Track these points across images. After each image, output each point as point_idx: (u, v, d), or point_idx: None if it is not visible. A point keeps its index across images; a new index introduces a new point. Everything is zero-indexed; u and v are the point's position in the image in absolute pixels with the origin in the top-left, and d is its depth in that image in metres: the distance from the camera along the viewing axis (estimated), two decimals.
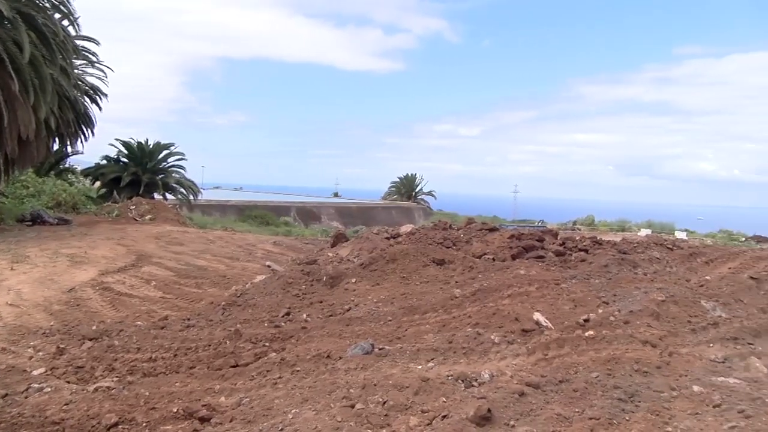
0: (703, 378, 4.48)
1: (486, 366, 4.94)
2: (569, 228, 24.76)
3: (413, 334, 6.08)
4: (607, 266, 9.81)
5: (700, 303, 7.22)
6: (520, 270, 8.40)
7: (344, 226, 26.40)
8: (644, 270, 10.05)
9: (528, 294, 7.08)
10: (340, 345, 5.75)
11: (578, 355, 5.02)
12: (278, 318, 7.40)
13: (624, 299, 7.19)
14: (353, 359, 5.15)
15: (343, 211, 38.50)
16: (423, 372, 4.71)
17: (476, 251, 11.27)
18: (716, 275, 9.74)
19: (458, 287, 8.04)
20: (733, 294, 7.85)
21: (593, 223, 27.98)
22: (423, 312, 6.92)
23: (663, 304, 6.89)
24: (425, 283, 8.64)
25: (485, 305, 6.72)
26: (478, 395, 4.12)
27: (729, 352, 5.64)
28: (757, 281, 8.85)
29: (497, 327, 5.91)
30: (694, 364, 4.89)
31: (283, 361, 5.40)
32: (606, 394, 4.17)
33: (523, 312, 6.18)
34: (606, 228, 25.23)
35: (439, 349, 5.36)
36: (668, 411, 3.90)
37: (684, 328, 6.41)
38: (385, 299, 7.86)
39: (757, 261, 10.81)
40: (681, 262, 11.19)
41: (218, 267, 12.98)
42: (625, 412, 3.90)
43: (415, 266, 9.23)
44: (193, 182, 32.10)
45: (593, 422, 3.72)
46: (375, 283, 8.74)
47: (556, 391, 4.30)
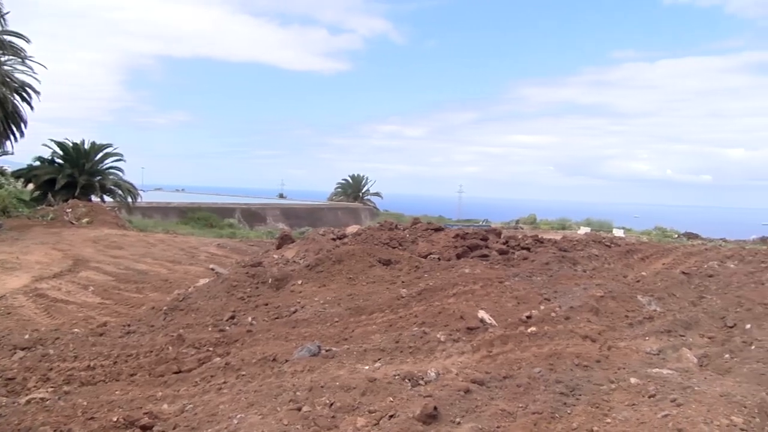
0: (639, 370, 4.64)
1: (432, 364, 4.99)
2: (512, 227, 25.28)
3: (360, 335, 6.08)
4: (549, 264, 10.06)
5: (637, 298, 7.50)
6: (465, 269, 8.51)
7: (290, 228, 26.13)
8: (584, 267, 10.36)
9: (473, 292, 7.19)
10: (286, 348, 5.69)
11: (521, 351, 5.13)
12: (222, 322, 7.27)
13: (565, 296, 7.39)
14: (300, 362, 5.11)
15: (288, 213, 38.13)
16: (370, 372, 4.72)
17: (422, 251, 11.37)
18: (651, 271, 10.14)
19: (404, 287, 8.08)
20: (666, 288, 8.18)
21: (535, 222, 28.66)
22: (370, 312, 6.92)
23: (602, 300, 7.13)
24: (372, 283, 8.65)
25: (431, 304, 6.78)
26: (425, 394, 4.16)
27: (663, 344, 5.88)
28: (688, 276, 9.26)
29: (443, 326, 5.98)
30: (631, 357, 5.07)
31: (228, 365, 5.30)
32: (548, 389, 4.27)
33: (468, 310, 6.27)
34: (547, 227, 25.89)
35: (386, 349, 5.38)
36: (607, 403, 4.03)
37: (622, 323, 6.64)
38: (332, 300, 7.83)
39: (689, 257, 11.32)
40: (618, 258, 11.59)
41: (160, 271, 12.65)
42: (566, 405, 4.01)
43: (362, 267, 9.24)
44: (133, 184, 31.15)
45: (536, 417, 3.81)
46: (321, 284, 8.70)
47: (501, 387, 4.37)
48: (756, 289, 8.33)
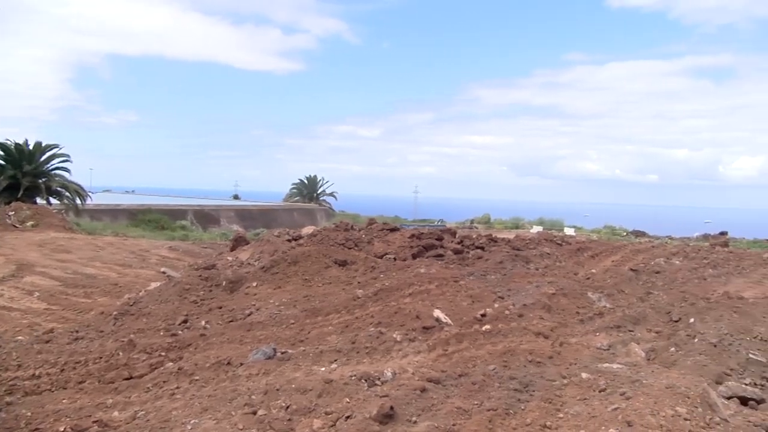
0: (590, 365, 4.76)
1: (389, 364, 5.00)
2: (467, 227, 25.56)
3: (316, 336, 6.05)
4: (502, 263, 10.23)
5: (587, 295, 7.70)
6: (420, 269, 8.57)
7: (244, 229, 25.78)
8: (536, 265, 10.57)
9: (428, 292, 7.23)
10: (241, 351, 5.62)
11: (476, 349, 5.19)
12: (175, 326, 7.12)
13: (518, 294, 7.53)
14: (255, 365, 5.05)
15: (243, 214, 37.63)
16: (326, 374, 4.70)
17: (378, 251, 11.39)
18: (601, 268, 10.42)
19: (361, 287, 8.08)
20: (615, 285, 8.43)
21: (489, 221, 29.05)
22: (326, 313, 6.90)
23: (554, 297, 7.29)
24: (328, 284, 8.62)
25: (387, 304, 6.80)
26: (381, 394, 4.17)
27: (613, 340, 6.05)
28: (636, 273, 9.56)
29: (399, 325, 6.00)
30: (582, 353, 5.20)
31: (181, 370, 5.20)
32: (503, 386, 4.34)
33: (424, 310, 6.31)
34: (501, 226, 26.28)
35: (342, 350, 5.37)
36: (560, 398, 4.12)
37: (573, 319, 6.81)
38: (288, 302, 7.77)
39: (636, 254, 11.67)
40: (569, 256, 11.86)
41: (109, 275, 12.31)
42: (520, 401, 4.08)
43: (318, 268, 9.19)
44: (80, 186, 30.24)
45: (491, 413, 3.86)
46: (277, 286, 8.62)
47: (456, 385, 4.42)
48: (699, 285, 8.67)
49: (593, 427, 3.53)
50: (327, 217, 38.81)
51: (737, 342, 5.45)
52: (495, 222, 28.68)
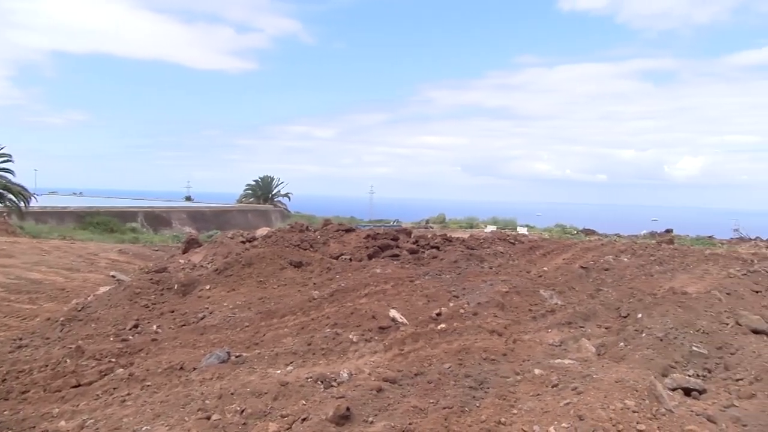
0: (543, 361, 4.86)
1: (345, 365, 4.99)
2: (422, 226, 25.73)
3: (271, 339, 5.99)
4: (457, 262, 10.33)
5: (539, 292, 7.84)
6: (376, 269, 8.58)
7: (197, 231, 25.31)
8: (490, 264, 10.71)
9: (384, 292, 7.25)
10: (194, 355, 5.52)
11: (432, 348, 5.23)
12: (125, 331, 6.94)
13: (472, 292, 7.61)
14: (208, 369, 4.97)
15: (195, 216, 36.93)
16: (282, 376, 4.66)
17: (334, 252, 11.36)
18: (552, 266, 10.62)
19: (316, 289, 8.05)
20: (567, 283, 8.61)
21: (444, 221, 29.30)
22: (281, 315, 6.84)
23: (507, 295, 7.39)
24: (283, 286, 8.55)
25: (343, 305, 6.79)
26: (338, 395, 4.16)
27: (564, 336, 6.18)
28: (586, 270, 9.78)
29: (355, 326, 6.00)
30: (535, 349, 5.29)
31: (132, 376, 5.07)
32: (458, 383, 4.38)
33: (380, 310, 6.33)
34: (456, 226, 26.55)
35: (298, 352, 5.33)
36: (514, 394, 4.19)
37: (526, 316, 6.92)
38: (242, 305, 7.67)
39: (586, 252, 11.95)
40: (522, 255, 12.06)
41: (55, 279, 11.91)
42: (475, 399, 4.13)
43: (273, 269, 9.11)
44: (24, 187, 29.14)
45: (447, 411, 3.90)
46: (231, 288, 8.50)
47: (412, 384, 4.44)
48: (646, 281, 8.93)
49: (546, 422, 3.60)
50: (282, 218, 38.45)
51: (681, 336, 5.64)
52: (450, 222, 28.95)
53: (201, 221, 35.54)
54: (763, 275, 8.89)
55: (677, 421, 3.57)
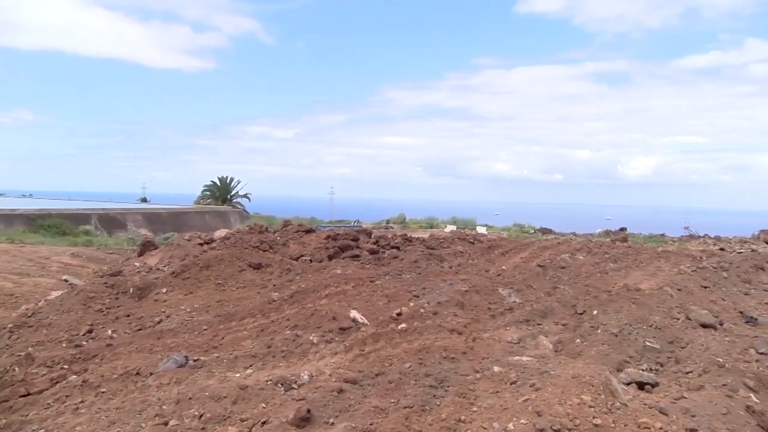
0: (502, 359, 4.92)
1: (305, 367, 4.97)
2: (383, 227, 25.78)
3: (230, 342, 5.91)
4: (417, 262, 10.39)
5: (498, 291, 7.96)
6: (336, 270, 8.56)
7: (154, 234, 24.78)
8: (450, 263, 10.81)
9: (345, 293, 7.25)
10: (150, 360, 5.40)
11: (392, 347, 5.24)
12: (79, 337, 6.75)
13: (432, 292, 7.67)
14: (166, 374, 4.87)
15: (152, 218, 36.19)
16: (241, 380, 4.60)
17: (293, 253, 11.29)
18: (511, 265, 10.78)
19: (276, 290, 7.98)
20: (524, 281, 8.75)
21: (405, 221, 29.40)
22: (240, 318, 6.76)
23: (466, 294, 7.48)
24: (242, 288, 8.45)
25: (304, 307, 6.75)
26: (298, 397, 4.13)
27: (522, 333, 6.28)
28: (543, 268, 9.96)
29: (316, 327, 5.97)
30: (494, 347, 5.36)
31: (86, 383, 4.93)
32: (419, 383, 4.40)
33: (341, 310, 6.31)
34: (416, 225, 26.67)
35: (257, 355, 5.28)
36: (473, 392, 4.23)
37: (485, 315, 7.01)
38: (200, 308, 7.55)
39: (543, 250, 12.16)
40: (481, 254, 12.21)
41: (4, 285, 11.49)
42: (436, 397, 4.16)
43: (231, 272, 9.00)
44: None
45: (408, 410, 3.91)
46: (188, 291, 8.36)
47: (373, 385, 4.45)
48: (601, 278, 9.15)
49: (505, 419, 3.65)
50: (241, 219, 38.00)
51: (635, 331, 5.80)
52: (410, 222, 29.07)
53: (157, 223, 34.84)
54: (711, 271, 9.20)
55: (631, 414, 3.66)
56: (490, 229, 23.13)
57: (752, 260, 9.96)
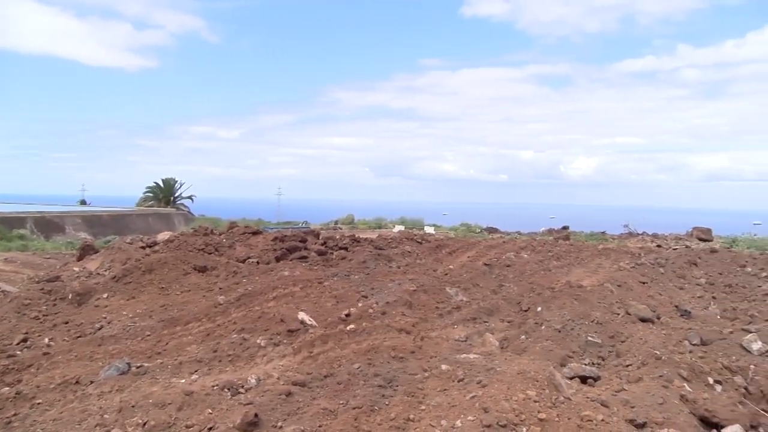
0: (449, 357, 4.98)
1: (253, 371, 4.90)
2: (331, 228, 25.66)
3: (175, 347, 5.78)
4: (365, 262, 10.41)
5: (446, 290, 8.05)
6: (284, 271, 8.49)
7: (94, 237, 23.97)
8: (398, 263, 10.87)
9: (293, 294, 7.19)
10: (91, 368, 5.22)
11: (341, 348, 5.23)
12: (12, 346, 6.45)
13: (381, 292, 7.69)
14: (107, 382, 4.72)
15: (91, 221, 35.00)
16: (186, 385, 4.50)
17: (240, 255, 11.13)
18: (458, 264, 10.93)
19: (222, 293, 7.85)
20: (471, 279, 8.88)
21: (353, 222, 29.38)
22: (185, 323, 6.62)
23: (415, 294, 7.53)
24: (187, 292, 8.28)
25: (251, 309, 6.66)
26: (245, 402, 4.07)
27: (469, 331, 6.38)
28: (489, 267, 10.13)
29: (263, 330, 5.90)
30: (442, 346, 5.42)
31: (19, 395, 4.71)
32: (368, 383, 4.41)
33: (289, 313, 6.26)
34: (365, 226, 26.68)
35: (203, 360, 5.18)
36: (422, 391, 4.26)
37: (433, 314, 7.08)
38: (143, 313, 7.35)
39: (489, 249, 12.37)
40: (429, 254, 12.33)
41: None
42: (385, 397, 4.17)
43: (175, 275, 8.79)
44: None
45: (357, 411, 3.91)
46: (130, 296, 8.12)
47: (322, 387, 4.43)
48: (545, 276, 9.37)
49: (453, 416, 3.69)
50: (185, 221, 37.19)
51: (578, 327, 5.97)
52: (359, 222, 29.07)
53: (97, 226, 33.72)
54: (649, 267, 9.56)
55: (575, 407, 3.76)
56: (438, 228, 23.36)
57: (686, 256, 10.40)
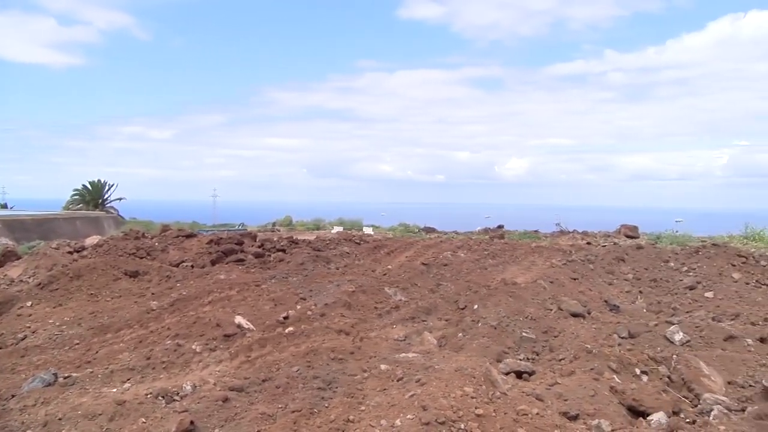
0: (388, 357, 5.01)
1: (188, 377, 4.78)
2: (269, 229, 25.30)
3: (106, 355, 5.57)
4: (304, 264, 10.33)
5: (384, 290, 8.08)
6: (220, 275, 8.32)
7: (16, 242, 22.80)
8: (336, 265, 10.85)
9: (229, 298, 7.05)
10: (13, 381, 4.97)
11: (279, 352, 5.17)
12: None
13: (320, 293, 7.66)
14: (31, 395, 4.49)
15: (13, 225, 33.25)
16: (118, 395, 4.35)
17: (173, 259, 10.84)
18: (396, 264, 11.00)
19: (155, 299, 7.62)
20: (409, 279, 8.95)
21: (291, 223, 29.07)
22: (116, 330, 6.39)
23: (353, 295, 7.53)
24: (118, 298, 7.99)
25: (185, 315, 6.49)
26: (180, 409, 3.97)
27: (408, 331, 6.43)
28: (427, 266, 10.24)
29: (199, 335, 5.76)
30: (381, 346, 5.44)
31: None
32: (307, 386, 4.38)
33: (225, 317, 6.14)
34: (303, 228, 26.44)
35: (136, 368, 5.01)
36: (361, 391, 4.27)
37: (372, 314, 7.10)
38: (71, 321, 7.05)
39: (427, 249, 12.51)
40: (367, 254, 12.35)
41: None
42: (324, 399, 4.15)
43: (105, 281, 8.47)
44: None
45: (296, 414, 3.87)
46: (57, 304, 7.76)
47: (260, 391, 4.36)
48: (481, 274, 9.56)
49: (393, 416, 3.71)
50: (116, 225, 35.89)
51: (513, 323, 6.12)
52: (297, 224, 28.78)
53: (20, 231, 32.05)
54: (580, 264, 9.90)
55: (511, 402, 3.85)
56: (377, 229, 23.43)
57: (614, 253, 10.82)
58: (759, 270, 9.26)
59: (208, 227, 26.39)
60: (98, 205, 44.44)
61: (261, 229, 25.61)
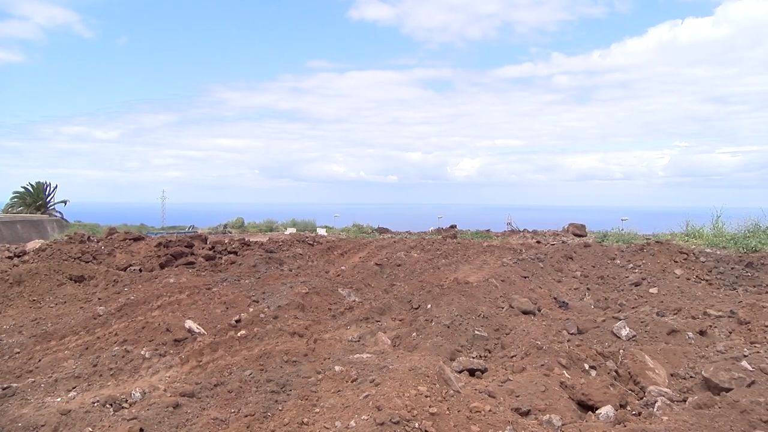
0: (343, 358, 4.99)
1: (137, 384, 4.66)
2: (220, 231, 24.91)
3: (49, 364, 5.37)
4: (256, 266, 10.22)
5: (338, 291, 8.06)
6: (169, 278, 8.15)
7: None
8: (289, 266, 10.76)
9: (179, 302, 6.91)
10: None
11: (232, 356, 5.10)
12: None
13: (273, 296, 7.58)
14: None
15: None
16: (63, 404, 4.20)
17: (121, 263, 10.56)
18: (350, 265, 10.99)
19: (102, 304, 7.41)
20: (363, 280, 8.96)
21: (243, 225, 28.69)
22: (61, 337, 6.17)
23: (307, 296, 7.48)
24: (62, 304, 7.73)
25: (133, 320, 6.33)
26: (129, 417, 3.86)
27: (362, 331, 6.42)
28: (381, 267, 10.27)
29: (148, 341, 5.62)
30: (335, 347, 5.42)
31: None
32: (260, 389, 4.33)
33: (175, 321, 6.01)
34: (255, 229, 26.13)
35: (81, 376, 4.85)
36: (315, 394, 4.25)
37: (325, 316, 7.07)
38: (11, 328, 6.78)
39: (381, 249, 12.54)
40: (321, 255, 12.30)
41: None
42: (278, 402, 4.11)
43: (48, 286, 8.18)
44: None
45: (249, 419, 3.83)
46: None
47: (212, 396, 4.29)
48: (434, 273, 9.64)
49: (347, 417, 3.71)
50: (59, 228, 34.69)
51: (465, 321, 6.19)
52: (249, 225, 28.42)
53: None
54: (530, 262, 10.10)
55: (464, 400, 3.90)
56: (330, 230, 23.36)
57: (563, 251, 11.08)
58: (699, 266, 9.64)
59: (157, 230, 25.78)
60: (40, 208, 42.91)
61: (212, 231, 25.20)
